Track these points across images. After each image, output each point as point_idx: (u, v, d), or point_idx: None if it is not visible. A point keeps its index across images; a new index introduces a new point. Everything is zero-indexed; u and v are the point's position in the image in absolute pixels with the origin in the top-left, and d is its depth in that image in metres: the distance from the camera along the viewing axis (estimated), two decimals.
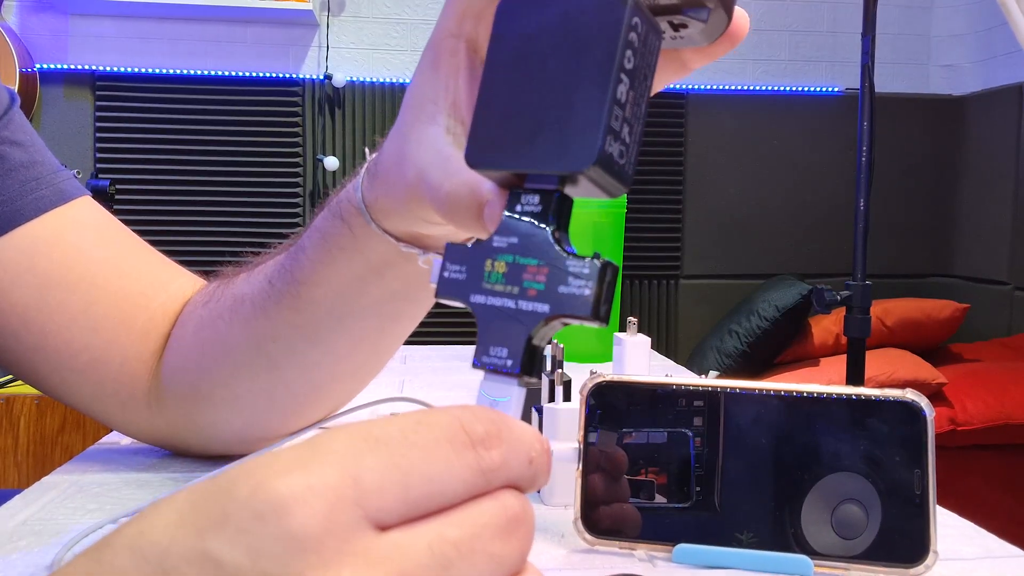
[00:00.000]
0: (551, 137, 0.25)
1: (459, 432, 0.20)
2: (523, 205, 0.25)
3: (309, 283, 0.42)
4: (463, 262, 0.26)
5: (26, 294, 0.47)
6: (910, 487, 0.36)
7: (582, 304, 0.24)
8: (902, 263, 2.54)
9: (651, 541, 0.39)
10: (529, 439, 0.21)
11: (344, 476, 0.18)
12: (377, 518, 0.18)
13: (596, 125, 0.24)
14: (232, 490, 0.18)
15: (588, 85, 0.24)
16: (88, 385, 0.49)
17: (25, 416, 1.49)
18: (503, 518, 0.20)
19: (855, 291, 1.31)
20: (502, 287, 0.25)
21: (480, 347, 0.25)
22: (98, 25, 2.23)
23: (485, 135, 0.26)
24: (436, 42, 0.33)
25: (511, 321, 0.24)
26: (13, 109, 0.50)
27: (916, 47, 2.54)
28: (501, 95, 0.26)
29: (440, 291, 0.26)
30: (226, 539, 0.18)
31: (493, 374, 0.24)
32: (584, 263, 0.24)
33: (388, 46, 2.32)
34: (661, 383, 0.40)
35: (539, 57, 0.25)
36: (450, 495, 0.20)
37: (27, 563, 0.38)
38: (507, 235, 0.25)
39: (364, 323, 0.44)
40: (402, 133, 0.34)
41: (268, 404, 0.48)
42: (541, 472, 0.22)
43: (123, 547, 0.18)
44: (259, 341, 0.45)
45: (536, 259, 0.25)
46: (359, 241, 0.39)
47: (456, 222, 0.30)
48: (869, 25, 1.32)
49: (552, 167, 0.25)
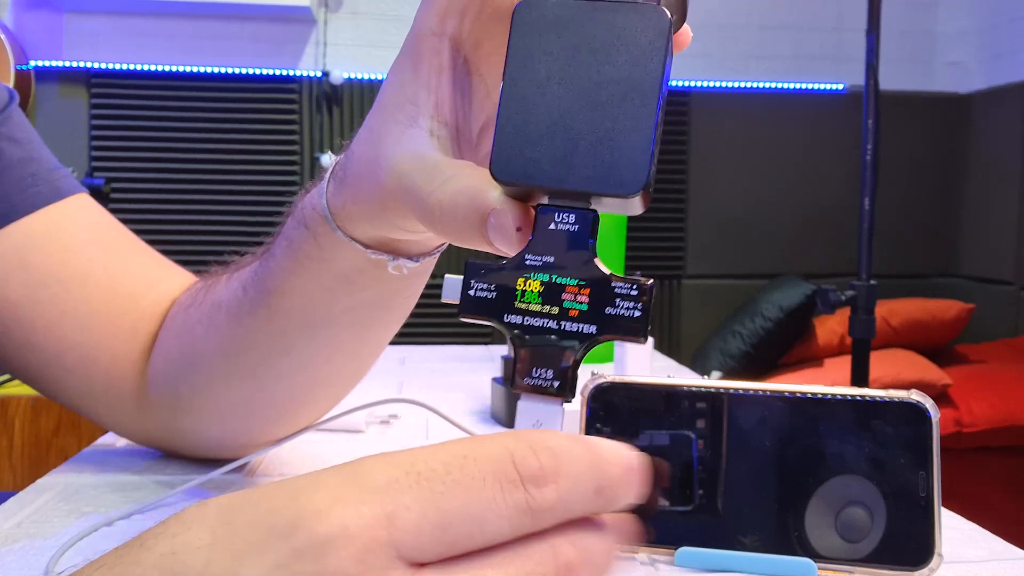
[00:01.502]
0: (591, 156, 0.24)
1: (508, 468, 0.19)
2: (557, 224, 0.25)
3: (278, 292, 0.41)
4: (490, 280, 0.25)
5: (17, 289, 0.47)
6: (915, 489, 0.36)
7: (632, 326, 0.24)
8: (907, 263, 2.54)
9: (653, 544, 0.38)
10: (597, 467, 0.20)
11: (380, 516, 0.18)
12: (412, 557, 0.18)
13: (645, 149, 0.24)
14: (271, 519, 0.18)
15: (633, 107, 0.24)
16: (78, 384, 0.49)
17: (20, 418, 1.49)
18: (551, 566, 0.19)
19: (860, 291, 1.31)
20: (539, 307, 0.25)
21: (520, 368, 0.24)
22: (93, 22, 2.23)
23: (512, 148, 0.25)
24: (415, 40, 0.31)
25: (553, 342, 0.24)
26: (12, 107, 0.50)
27: (921, 44, 2.53)
28: (528, 106, 0.25)
29: (465, 309, 0.25)
30: (263, 570, 0.18)
31: (535, 395, 0.24)
32: (632, 285, 0.24)
33: (386, 43, 2.32)
34: (663, 384, 0.40)
35: (573, 69, 0.25)
36: (493, 536, 0.19)
37: (22, 565, 0.38)
38: (540, 253, 0.25)
39: (337, 331, 0.42)
40: (376, 135, 0.32)
41: (246, 412, 0.47)
42: (613, 500, 0.20)
43: (153, 566, 0.18)
44: (235, 350, 0.44)
45: (576, 279, 0.24)
46: (325, 249, 0.38)
47: (447, 232, 0.28)
48: (874, 22, 1.31)
49: (594, 188, 0.24)
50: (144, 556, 0.18)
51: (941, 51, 2.55)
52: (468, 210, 0.27)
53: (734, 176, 2.47)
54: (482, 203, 0.26)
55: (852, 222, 1.43)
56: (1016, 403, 1.81)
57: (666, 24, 0.24)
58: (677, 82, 2.40)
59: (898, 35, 2.45)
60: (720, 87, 2.44)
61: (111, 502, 0.46)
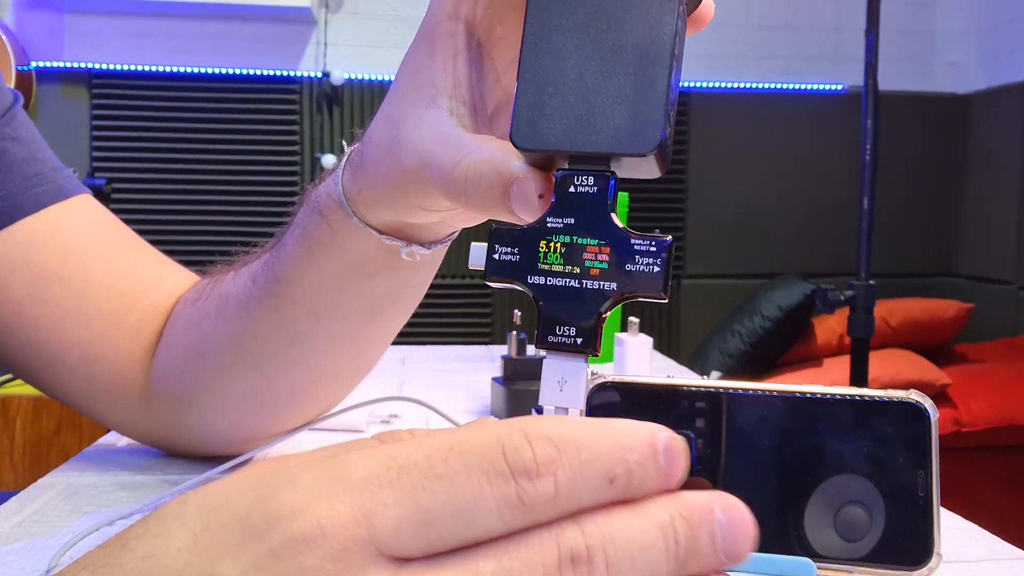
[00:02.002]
0: (607, 119, 0.25)
1: (497, 459, 0.18)
2: (576, 186, 0.25)
3: (289, 281, 0.41)
4: (514, 244, 0.26)
5: (21, 288, 0.47)
6: (914, 489, 0.36)
7: (652, 282, 0.24)
8: (906, 263, 2.54)
9: None
10: (608, 453, 0.18)
11: (357, 514, 0.17)
12: (394, 554, 0.18)
13: (659, 109, 0.25)
14: (248, 518, 0.18)
15: (646, 69, 0.25)
16: (81, 382, 0.49)
17: (21, 417, 1.49)
18: (553, 556, 0.17)
19: (859, 291, 1.31)
20: (561, 267, 0.25)
21: (543, 328, 0.25)
22: (94, 22, 2.23)
23: (531, 115, 0.26)
24: (431, 25, 0.32)
25: (575, 301, 0.25)
26: (16, 108, 0.50)
27: (920, 44, 2.53)
28: (545, 75, 0.26)
29: (490, 273, 0.26)
30: (240, 571, 0.17)
31: (560, 352, 0.25)
32: (650, 241, 0.25)
33: (387, 43, 2.32)
34: (663, 384, 0.40)
35: (586, 37, 0.26)
36: (482, 531, 0.18)
37: (23, 565, 0.38)
38: (561, 215, 0.25)
39: (344, 322, 0.43)
40: (394, 118, 0.33)
41: (254, 405, 0.48)
42: (636, 487, 0.18)
43: (133, 569, 0.18)
44: (243, 341, 0.45)
45: (597, 239, 0.25)
46: (338, 236, 0.38)
47: (472, 202, 0.29)
48: (873, 22, 1.31)
49: (612, 149, 0.25)
50: (125, 558, 0.18)
51: (940, 51, 2.55)
52: (492, 178, 0.28)
53: (733, 176, 2.47)
54: (505, 172, 0.27)
55: (851, 222, 1.43)
56: (1015, 403, 1.81)
57: None
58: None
59: (897, 35, 2.45)
60: (719, 87, 2.44)
61: (112, 501, 0.46)
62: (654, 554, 0.18)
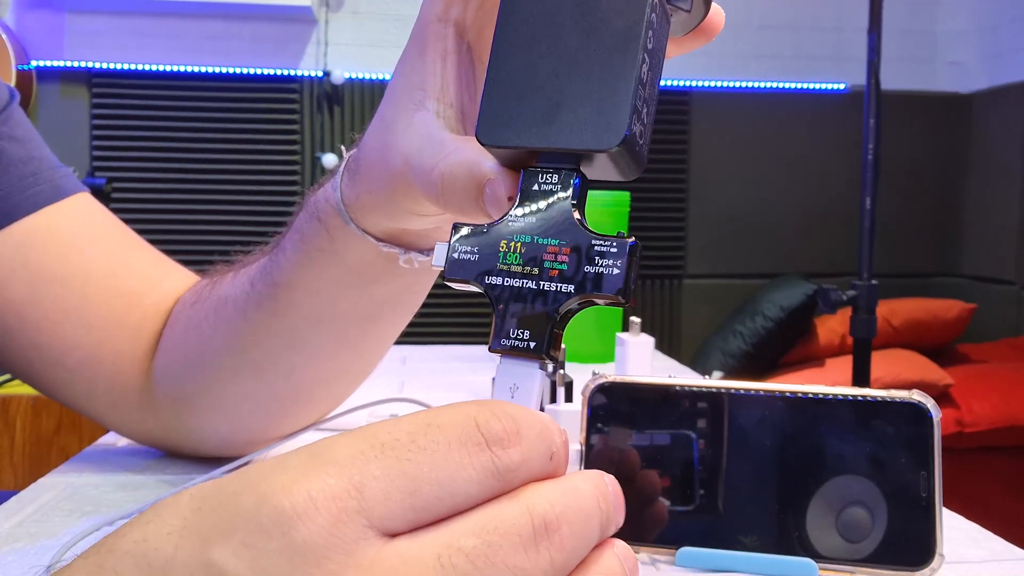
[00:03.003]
0: (573, 114, 0.24)
1: (472, 431, 0.19)
2: (540, 184, 0.24)
3: (287, 286, 0.41)
4: (474, 243, 0.25)
5: (20, 289, 0.47)
6: (916, 489, 0.36)
7: (610, 284, 0.23)
8: (908, 263, 2.53)
9: (654, 544, 0.38)
10: (549, 433, 0.21)
11: (347, 486, 0.18)
12: (384, 526, 0.18)
13: (623, 104, 0.23)
14: (237, 500, 0.18)
15: (613, 63, 0.24)
16: (81, 384, 0.49)
17: (21, 417, 1.49)
18: (527, 526, 0.19)
19: (861, 291, 1.31)
20: (520, 268, 0.24)
21: (498, 330, 0.24)
22: (94, 22, 2.23)
23: (497, 112, 0.25)
24: (422, 28, 0.32)
25: (532, 303, 0.24)
26: (12, 106, 0.50)
27: (922, 44, 2.53)
28: (514, 71, 0.25)
29: (449, 272, 0.25)
30: (231, 551, 0.18)
31: (513, 356, 0.24)
32: (611, 242, 0.23)
33: (387, 42, 2.32)
34: (664, 384, 0.40)
35: (556, 32, 0.25)
36: (462, 499, 0.19)
37: (23, 565, 0.38)
38: (523, 215, 0.24)
39: (343, 326, 0.43)
40: (386, 123, 0.33)
41: (253, 408, 0.47)
42: (560, 466, 0.21)
43: (126, 553, 0.18)
44: (242, 345, 0.44)
45: (557, 239, 0.24)
46: (337, 242, 0.38)
47: (450, 205, 0.29)
48: (875, 22, 1.31)
49: (575, 145, 0.24)
50: (118, 544, 0.18)
51: (942, 51, 2.55)
52: (466, 180, 0.27)
53: (735, 176, 2.47)
54: (479, 173, 0.27)
55: (853, 221, 1.43)
56: (1018, 403, 1.81)
57: None
58: (677, 82, 2.40)
59: (899, 34, 2.45)
60: (721, 87, 2.44)
61: (112, 501, 0.46)
62: (594, 522, 0.20)
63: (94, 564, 0.18)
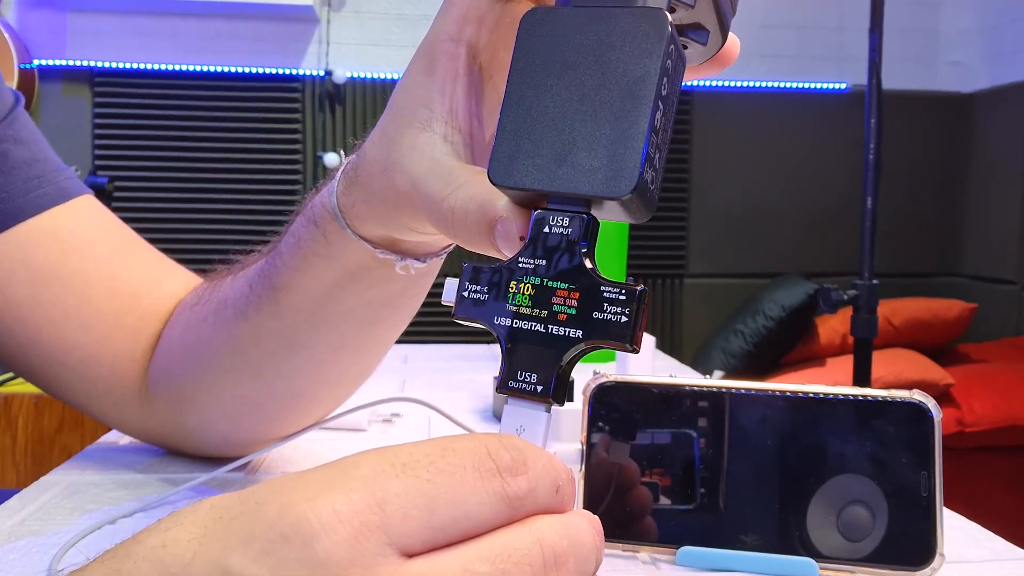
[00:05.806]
0: (585, 159, 0.24)
1: (485, 459, 0.20)
2: (551, 226, 0.25)
3: (286, 289, 0.41)
4: (485, 282, 0.25)
5: (21, 289, 0.47)
6: (917, 489, 0.36)
7: (618, 331, 0.23)
8: (910, 262, 2.53)
9: (655, 543, 0.38)
10: (554, 467, 0.21)
11: (370, 502, 0.18)
12: (402, 544, 0.19)
13: (636, 151, 0.24)
14: (259, 510, 0.18)
15: (627, 109, 0.24)
16: (82, 383, 0.49)
17: (23, 415, 1.49)
18: (538, 557, 0.20)
19: (862, 291, 1.31)
20: (529, 310, 0.24)
21: (506, 371, 0.24)
22: (97, 21, 2.23)
23: (511, 152, 0.25)
24: (432, 45, 0.31)
25: (540, 346, 0.24)
26: (17, 109, 0.50)
27: (924, 43, 2.53)
28: (527, 111, 0.25)
29: (459, 311, 0.26)
30: (251, 559, 0.18)
31: (520, 399, 0.24)
32: (620, 289, 0.24)
33: (389, 42, 2.32)
34: (665, 384, 0.40)
35: (571, 75, 0.25)
36: (476, 521, 0.20)
37: (25, 563, 0.38)
38: (534, 257, 0.25)
39: (342, 330, 0.43)
40: (388, 137, 0.32)
41: (253, 409, 0.47)
42: (567, 501, 0.21)
43: (143, 558, 0.18)
44: (241, 346, 0.44)
45: (567, 283, 0.24)
46: (333, 247, 0.38)
47: (459, 237, 0.29)
48: (876, 21, 1.31)
49: (586, 190, 0.24)
50: (135, 549, 0.19)
51: (944, 50, 2.55)
52: (477, 216, 0.27)
53: (736, 175, 2.47)
54: (491, 211, 0.27)
55: (854, 221, 1.43)
56: (1018, 403, 1.81)
57: (664, 25, 0.24)
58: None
59: (901, 34, 2.44)
60: (722, 86, 2.44)
61: (114, 500, 0.46)
62: (592, 560, 0.21)
63: (111, 569, 0.18)
